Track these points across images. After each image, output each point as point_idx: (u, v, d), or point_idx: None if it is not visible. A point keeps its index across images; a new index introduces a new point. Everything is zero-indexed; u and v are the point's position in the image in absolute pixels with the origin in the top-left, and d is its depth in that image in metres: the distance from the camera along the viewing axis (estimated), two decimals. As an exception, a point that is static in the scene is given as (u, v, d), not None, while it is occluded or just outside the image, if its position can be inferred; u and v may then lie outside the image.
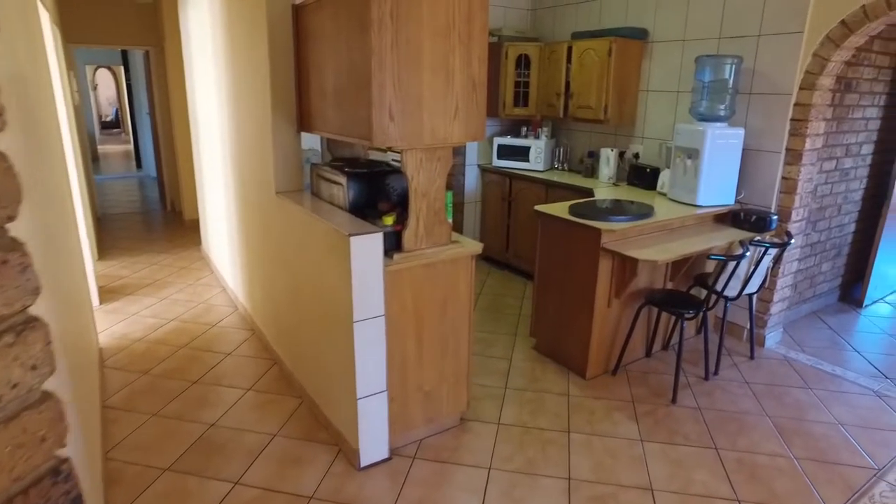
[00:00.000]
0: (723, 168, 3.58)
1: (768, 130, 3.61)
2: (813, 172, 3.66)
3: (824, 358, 3.76)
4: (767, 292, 3.75)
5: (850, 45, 3.30)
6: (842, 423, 3.05)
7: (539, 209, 3.42)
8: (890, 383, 3.49)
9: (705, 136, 3.47)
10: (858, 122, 4.19)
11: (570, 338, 3.41)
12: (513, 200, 4.98)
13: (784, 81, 3.49)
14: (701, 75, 3.68)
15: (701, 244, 3.20)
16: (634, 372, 3.49)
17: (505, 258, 5.19)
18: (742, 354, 3.75)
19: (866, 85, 4.09)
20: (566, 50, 4.56)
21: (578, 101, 4.51)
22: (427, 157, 2.41)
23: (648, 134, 4.41)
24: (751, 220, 3.50)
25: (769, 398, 3.25)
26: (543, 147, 4.87)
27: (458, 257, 2.59)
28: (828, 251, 4.45)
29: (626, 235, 3.17)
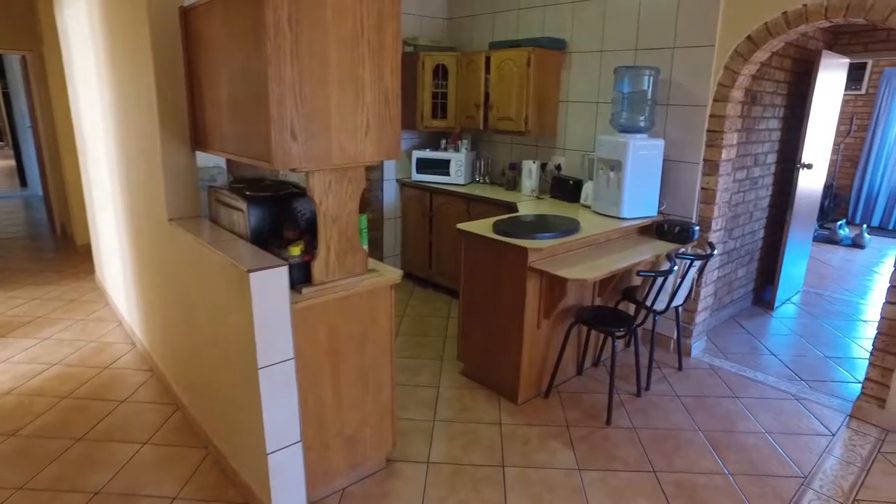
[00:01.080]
0: (645, 180, 3.55)
1: (687, 141, 3.62)
2: (729, 182, 3.71)
3: (746, 364, 3.81)
4: (692, 302, 3.76)
5: (756, 60, 3.36)
6: (768, 431, 3.05)
7: (462, 228, 3.24)
8: (805, 385, 3.57)
9: (627, 148, 3.43)
10: (763, 133, 4.33)
11: (500, 361, 3.24)
12: (434, 215, 4.79)
13: (699, 93, 3.51)
14: (620, 86, 3.64)
15: (628, 259, 3.12)
16: (567, 393, 3.37)
17: (428, 275, 4.99)
18: (671, 366, 3.73)
19: (768, 98, 4.23)
20: (484, 60, 4.44)
21: (498, 112, 4.39)
22: (337, 178, 2.16)
23: (570, 145, 4.35)
24: (674, 232, 3.49)
25: (700, 411, 3.22)
26: (464, 160, 4.72)
27: (376, 288, 2.36)
28: (742, 257, 4.56)
29: (553, 253, 3.04)
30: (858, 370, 3.80)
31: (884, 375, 3.10)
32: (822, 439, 3.01)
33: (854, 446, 2.96)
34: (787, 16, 3.14)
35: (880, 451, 2.93)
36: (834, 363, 3.91)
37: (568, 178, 4.15)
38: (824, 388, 3.54)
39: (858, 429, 3.12)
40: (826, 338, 4.33)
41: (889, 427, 3.10)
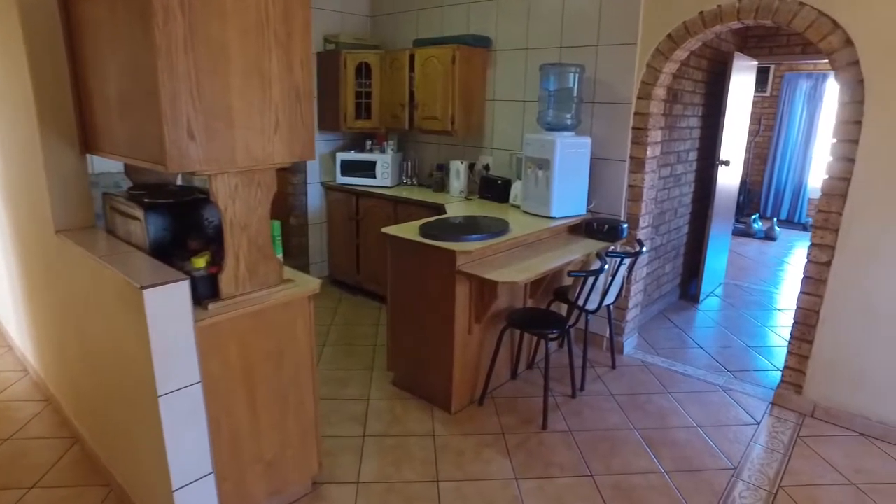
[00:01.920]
0: (574, 178, 3.52)
1: (613, 139, 3.63)
2: (654, 179, 3.74)
3: (676, 358, 3.86)
4: (623, 300, 3.77)
5: (676, 58, 3.40)
6: (699, 424, 3.08)
7: (387, 231, 3.09)
8: (731, 376, 3.65)
9: (555, 146, 3.38)
10: (685, 131, 4.42)
11: (431, 369, 3.11)
12: (360, 219, 4.61)
13: (624, 91, 3.52)
14: (546, 84, 3.60)
15: (559, 259, 3.07)
16: (502, 398, 3.28)
17: (357, 281, 4.80)
18: (604, 364, 3.73)
19: (688, 96, 4.32)
20: (408, 58, 4.31)
21: (424, 111, 4.27)
22: (244, 181, 1.96)
23: (498, 144, 4.29)
24: (603, 230, 3.47)
25: (634, 409, 3.21)
26: (390, 161, 4.57)
27: (293, 299, 2.17)
28: (669, 253, 4.64)
29: (482, 255, 2.94)
30: (777, 358, 3.92)
31: (800, 363, 3.19)
32: (748, 429, 3.06)
33: (777, 433, 3.03)
34: (704, 16, 3.18)
35: (799, 435, 3.01)
36: (755, 352, 4.03)
37: (496, 178, 4.08)
38: (748, 378, 3.63)
39: (780, 415, 3.20)
40: (747, 328, 4.47)
41: (805, 412, 3.20)
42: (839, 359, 3.06)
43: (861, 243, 2.90)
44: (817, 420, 3.16)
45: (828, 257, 3.01)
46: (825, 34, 2.84)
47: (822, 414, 3.16)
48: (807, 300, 3.12)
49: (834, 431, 3.07)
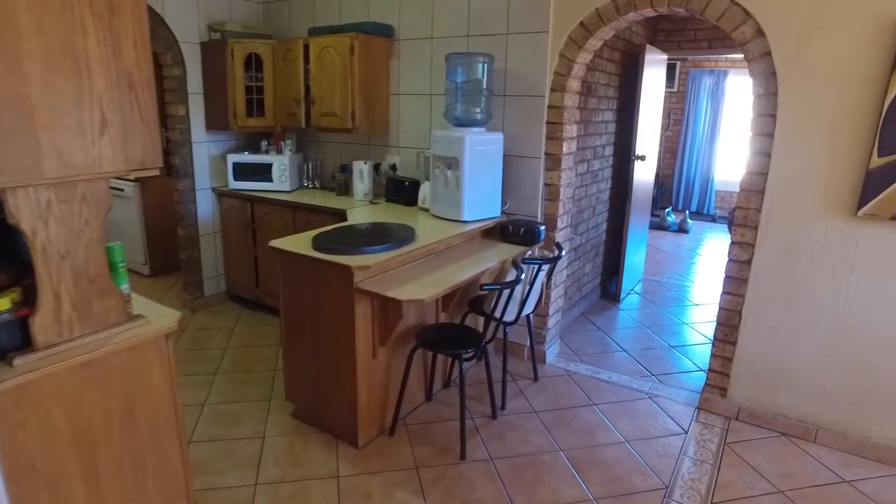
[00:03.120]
0: (486, 178, 3.24)
1: (527, 135, 3.38)
2: (571, 176, 3.54)
3: (600, 365, 3.68)
4: (543, 307, 3.54)
5: (590, 48, 3.20)
6: (628, 439, 2.88)
7: (275, 245, 2.68)
8: (655, 380, 3.51)
9: (464, 143, 3.08)
10: (600, 125, 4.26)
11: (334, 399, 2.74)
12: (257, 228, 4.14)
13: (536, 82, 3.28)
14: (453, 76, 3.30)
15: (472, 269, 2.78)
16: (416, 425, 2.95)
17: (256, 296, 4.33)
18: (526, 376, 3.48)
19: (603, 90, 4.17)
20: (303, 48, 3.88)
21: (322, 107, 3.86)
22: (61, 196, 1.52)
23: (404, 143, 3.95)
24: (520, 233, 3.22)
25: (559, 427, 2.97)
26: (288, 163, 4.13)
27: (144, 340, 1.74)
28: (588, 252, 4.49)
29: (385, 268, 2.60)
30: (699, 357, 3.84)
31: (724, 365, 3.08)
32: (676, 440, 2.90)
33: (704, 441, 2.89)
34: (617, 3, 2.99)
35: (726, 442, 2.89)
36: (678, 353, 3.92)
37: (404, 180, 3.74)
38: (672, 381, 3.50)
39: (706, 421, 3.07)
40: (668, 326, 4.38)
41: (730, 415, 3.09)
42: (761, 359, 2.96)
43: (779, 240, 2.80)
44: (742, 423, 3.06)
45: (748, 255, 2.89)
46: (737, 24, 2.70)
47: (746, 416, 3.06)
48: (729, 300, 2.99)
49: (758, 433, 2.96)
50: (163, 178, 4.54)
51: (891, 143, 2.50)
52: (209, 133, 4.27)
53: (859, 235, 2.63)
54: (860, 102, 2.53)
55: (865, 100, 2.52)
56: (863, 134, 2.54)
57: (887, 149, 2.51)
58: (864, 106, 2.52)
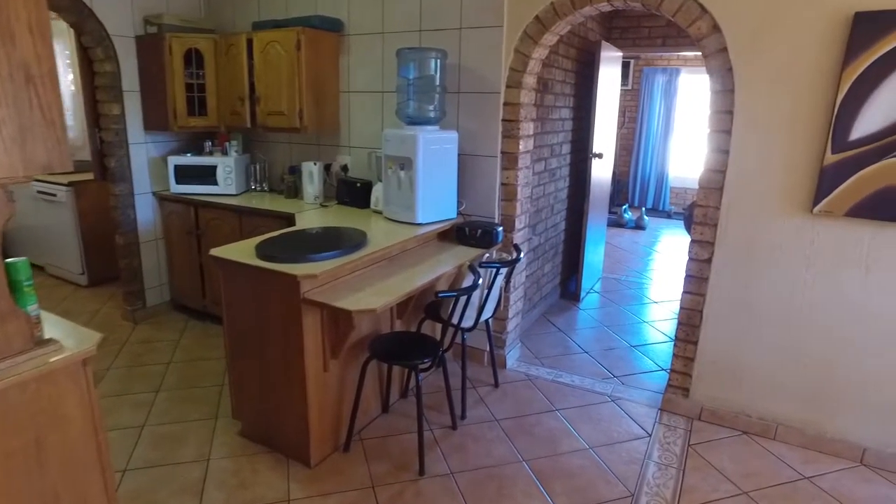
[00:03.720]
0: (440, 178, 3.12)
1: (482, 133, 3.27)
2: (529, 175, 3.45)
3: (561, 367, 3.61)
4: (503, 311, 3.43)
5: (545, 43, 3.11)
6: (592, 445, 2.81)
7: (215, 254, 2.49)
8: (617, 382, 3.45)
9: (417, 142, 2.95)
10: (557, 123, 4.20)
11: (284, 416, 2.57)
12: (202, 234, 3.91)
13: (491, 79, 3.17)
14: (405, 72, 3.16)
15: (427, 273, 2.65)
16: (372, 439, 2.81)
17: (203, 305, 4.09)
18: (486, 382, 3.37)
19: (558, 86, 4.10)
20: (246, 43, 3.67)
21: (268, 106, 3.66)
22: (-55, 205, 1.32)
23: (356, 142, 3.79)
24: (476, 236, 3.10)
25: (522, 435, 2.87)
26: (233, 165, 3.91)
27: (55, 368, 1.54)
28: (547, 252, 4.42)
29: (335, 276, 2.44)
30: (659, 356, 3.81)
31: (686, 365, 3.04)
32: (641, 443, 2.84)
33: (668, 444, 2.84)
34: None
35: (689, 443, 2.85)
36: (639, 352, 3.88)
37: (356, 181, 3.58)
38: (635, 382, 3.45)
39: (669, 422, 3.02)
40: (628, 325, 4.35)
41: (693, 415, 3.06)
42: (722, 358, 2.93)
43: (738, 238, 2.77)
44: (704, 422, 3.02)
45: (708, 254, 2.85)
46: (694, 19, 2.65)
47: (708, 415, 3.02)
48: (690, 300, 2.95)
49: (720, 433, 2.93)
50: (98, 182, 4.24)
51: (843, 140, 2.48)
52: (148, 134, 4.02)
53: (815, 232, 2.62)
54: (814, 99, 2.51)
55: (819, 96, 2.50)
56: (817, 131, 2.53)
57: (840, 146, 2.49)
58: (818, 103, 2.50)
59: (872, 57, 2.38)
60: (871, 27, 2.36)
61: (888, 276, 2.53)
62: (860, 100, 2.43)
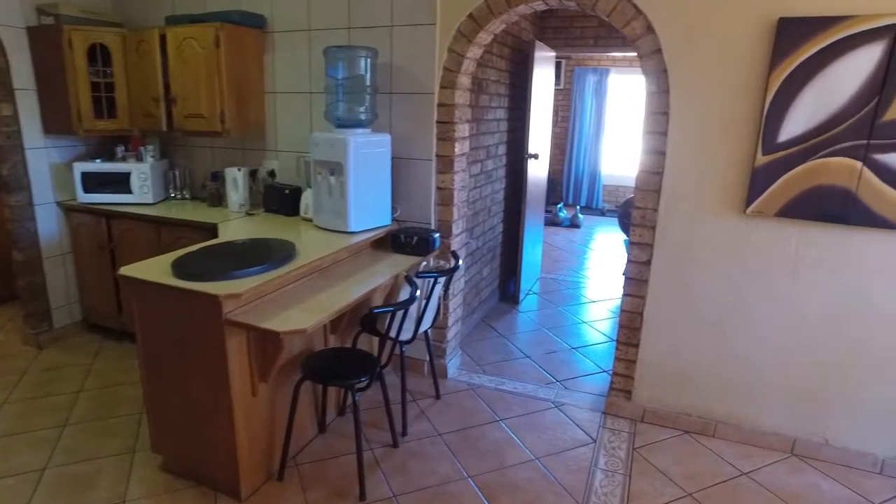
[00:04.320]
0: (373, 183, 2.97)
1: (416, 136, 3.14)
2: (465, 178, 3.35)
3: (504, 374, 3.53)
4: (442, 319, 3.32)
5: (480, 42, 3.02)
6: (538, 456, 2.74)
7: (125, 274, 2.24)
8: (560, 386, 3.42)
9: (347, 146, 2.79)
10: (493, 124, 4.13)
11: (210, 446, 2.35)
12: (116, 247, 3.59)
13: (425, 79, 3.05)
14: (333, 71, 2.99)
15: (361, 286, 2.50)
16: (308, 464, 2.63)
17: (120, 325, 3.77)
18: (427, 394, 3.25)
19: (493, 87, 4.03)
20: (159, 39, 3.38)
21: (185, 107, 3.39)
22: None
23: (283, 146, 3.58)
24: (412, 243, 2.98)
25: (466, 450, 2.76)
26: (149, 171, 3.61)
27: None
28: (485, 255, 4.34)
29: (261, 293, 2.25)
30: (600, 357, 3.81)
31: (628, 368, 3.03)
32: (586, 450, 2.80)
33: (613, 449, 2.82)
34: (506, -6, 2.83)
35: (634, 447, 2.84)
36: (580, 354, 3.87)
37: (284, 187, 3.37)
38: (577, 386, 3.43)
39: (613, 426, 3.01)
40: (567, 326, 4.35)
41: (636, 417, 3.06)
42: (663, 359, 2.94)
43: (676, 239, 2.77)
44: (647, 424, 3.03)
45: (647, 256, 2.84)
46: (629, 20, 2.62)
47: (651, 417, 3.03)
48: (630, 302, 2.94)
49: (662, 434, 2.94)
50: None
51: (773, 142, 2.52)
52: (49, 137, 3.64)
53: (748, 232, 2.65)
54: (745, 102, 2.54)
55: (749, 99, 2.53)
56: (749, 133, 2.55)
57: (770, 147, 2.53)
58: (749, 105, 2.53)
59: (796, 61, 2.43)
60: (795, 33, 2.40)
61: (814, 273, 2.60)
62: (787, 103, 2.47)
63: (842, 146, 2.44)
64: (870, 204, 2.45)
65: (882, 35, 2.31)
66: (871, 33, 2.32)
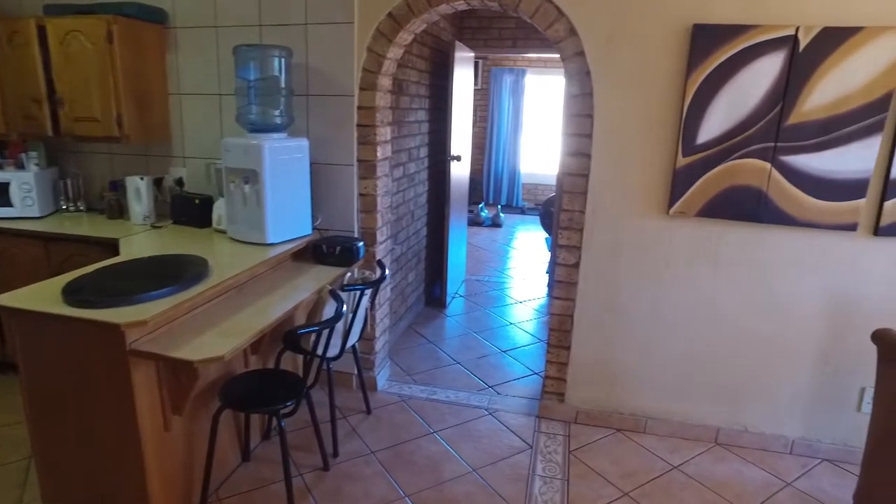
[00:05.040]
0: (292, 191, 2.79)
1: (336, 140, 2.99)
2: (388, 183, 3.23)
3: (435, 383, 3.45)
4: (369, 331, 3.19)
5: (400, 42, 2.91)
6: (475, 467, 2.67)
7: (3, 304, 1.95)
8: (493, 392, 3.38)
9: (262, 152, 2.60)
10: (414, 126, 4.03)
11: (115, 491, 2.10)
12: (-5, 268, 3.18)
13: (343, 81, 2.90)
14: (244, 72, 2.78)
15: (283, 303, 2.32)
16: (232, 497, 2.42)
17: (2, 355, 3.35)
18: (357, 410, 3.11)
19: (414, 88, 3.93)
20: (36, 31, 3.01)
21: (74, 110, 3.05)
22: None
23: (191, 152, 3.30)
24: (336, 253, 2.82)
25: (401, 467, 2.65)
26: (34, 181, 3.22)
27: None
28: (410, 260, 4.24)
29: (171, 318, 2.03)
30: (530, 359, 3.81)
31: (560, 370, 3.03)
32: (523, 457, 2.77)
33: (550, 453, 2.80)
34: (426, -8, 2.73)
35: (570, 450, 2.84)
36: (510, 357, 3.86)
37: (193, 197, 3.11)
38: (510, 390, 3.40)
39: (548, 430, 3.00)
40: (496, 329, 4.33)
41: (569, 419, 3.07)
42: (594, 360, 2.96)
43: (604, 241, 2.79)
44: (580, 425, 3.04)
45: (576, 258, 2.84)
46: (551, 22, 2.60)
47: (584, 418, 3.05)
48: (560, 305, 2.93)
49: (596, 434, 2.96)
50: None
51: (692, 144, 2.59)
52: None
53: (672, 233, 2.71)
54: (665, 104, 2.58)
55: (668, 102, 2.58)
56: (670, 135, 2.61)
57: (689, 149, 2.59)
58: (669, 108, 2.58)
59: (711, 66, 2.50)
60: (708, 39, 2.47)
61: (732, 271, 2.70)
62: (703, 106, 2.54)
63: (753, 148, 2.54)
64: (779, 203, 2.57)
65: (783, 45, 2.42)
66: (774, 42, 2.43)
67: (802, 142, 2.49)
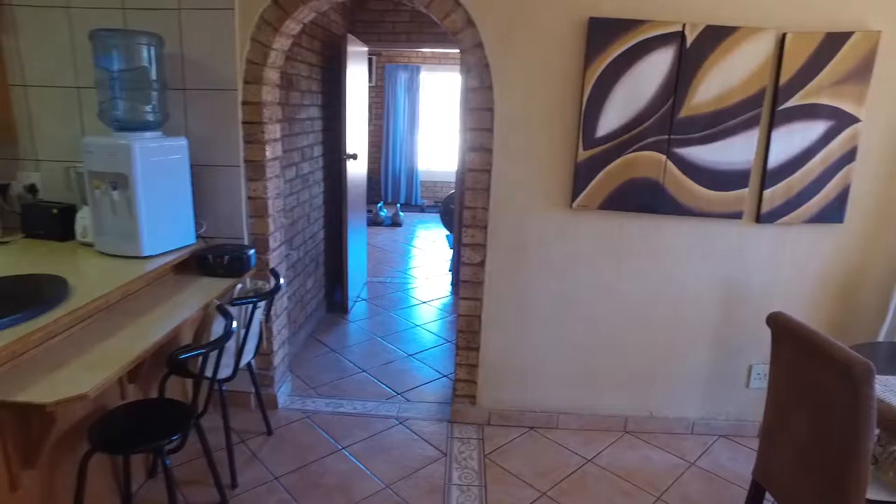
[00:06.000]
0: (170, 197, 2.48)
1: (219, 139, 2.71)
2: (280, 185, 2.99)
3: (341, 395, 3.26)
4: (266, 345, 2.94)
5: (288, 32, 2.69)
6: (389, 483, 2.53)
7: None
8: (402, 399, 3.25)
9: (132, 154, 2.28)
10: (306, 123, 3.79)
11: (-42, 564, 1.74)
12: None
13: (225, 73, 2.63)
14: (106, 62, 2.42)
15: (163, 323, 2.04)
16: (109, 551, 2.11)
17: None
18: (257, 432, 2.85)
19: (305, 83, 3.70)
20: None
21: None
22: None
23: (45, 154, 2.86)
24: (224, 263, 2.54)
25: (309, 492, 2.44)
26: None
27: None
28: (308, 265, 4.00)
29: (18, 352, 1.69)
30: (438, 362, 3.72)
31: (470, 372, 2.95)
32: (438, 466, 2.66)
33: (465, 460, 2.71)
34: (313, -23, 2.53)
35: (485, 454, 2.77)
36: (417, 360, 3.74)
37: (50, 206, 2.69)
38: (419, 395, 3.29)
39: (462, 434, 2.91)
40: (401, 332, 4.20)
41: (482, 421, 3.01)
42: (504, 359, 2.91)
43: (508, 238, 2.74)
44: (493, 426, 2.98)
45: (481, 257, 2.77)
46: (448, 12, 2.50)
47: (497, 419, 2.99)
48: (467, 306, 2.85)
49: (510, 434, 2.92)
50: None
51: (591, 138, 2.59)
52: None
53: (575, 226, 2.71)
54: (564, 97, 2.57)
55: (568, 95, 2.57)
56: (570, 128, 2.60)
57: (589, 143, 2.60)
58: (569, 101, 2.57)
59: (607, 60, 2.51)
60: (604, 32, 2.49)
61: (634, 261, 2.75)
62: (602, 99, 2.55)
63: (649, 140, 2.58)
64: (674, 194, 2.64)
65: (672, 40, 2.49)
66: (664, 38, 2.49)
67: (693, 134, 2.57)
